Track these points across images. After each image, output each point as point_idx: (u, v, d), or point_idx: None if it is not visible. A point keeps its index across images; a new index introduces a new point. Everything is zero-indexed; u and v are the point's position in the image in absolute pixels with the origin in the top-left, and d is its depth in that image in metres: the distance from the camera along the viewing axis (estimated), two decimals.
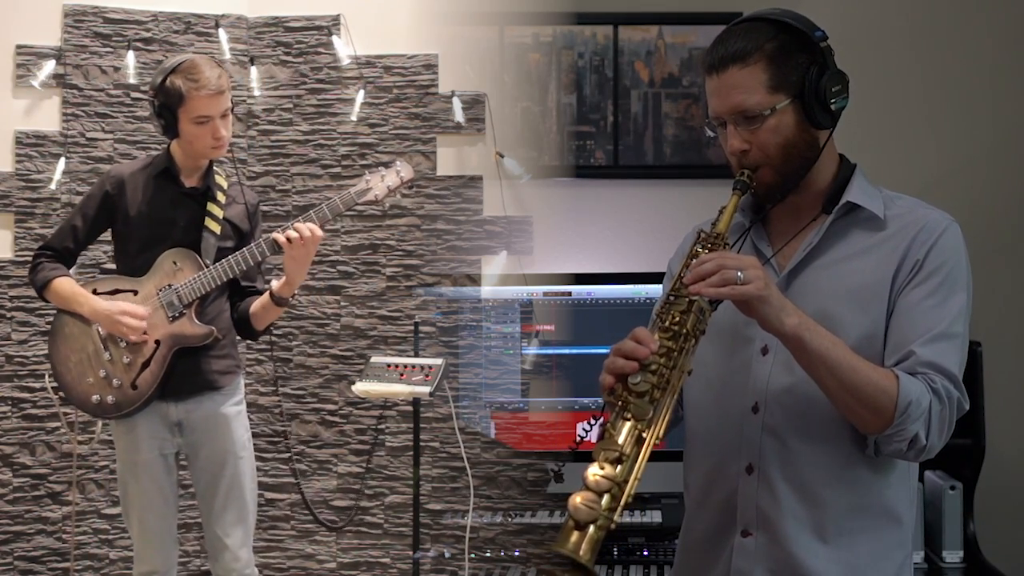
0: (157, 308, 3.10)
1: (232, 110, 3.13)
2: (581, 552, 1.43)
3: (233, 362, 3.25)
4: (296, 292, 3.16)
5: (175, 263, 3.11)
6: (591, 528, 1.45)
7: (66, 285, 3.13)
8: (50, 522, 3.90)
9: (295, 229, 3.00)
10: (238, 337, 3.30)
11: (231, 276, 3.10)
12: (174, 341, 3.10)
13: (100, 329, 3.11)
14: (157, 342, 3.10)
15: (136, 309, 3.07)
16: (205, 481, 3.19)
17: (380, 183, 3.18)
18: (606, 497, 1.47)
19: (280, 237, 3.01)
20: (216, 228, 3.15)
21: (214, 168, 3.21)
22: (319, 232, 3.03)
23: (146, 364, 3.09)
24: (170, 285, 3.10)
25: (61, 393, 3.23)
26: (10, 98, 3.90)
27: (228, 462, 3.18)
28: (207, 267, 3.10)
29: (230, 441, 3.19)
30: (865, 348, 1.67)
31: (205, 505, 3.21)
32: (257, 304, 3.18)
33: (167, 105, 3.05)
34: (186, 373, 3.12)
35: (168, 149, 3.17)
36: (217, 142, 3.08)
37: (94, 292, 3.14)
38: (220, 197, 3.18)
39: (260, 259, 3.11)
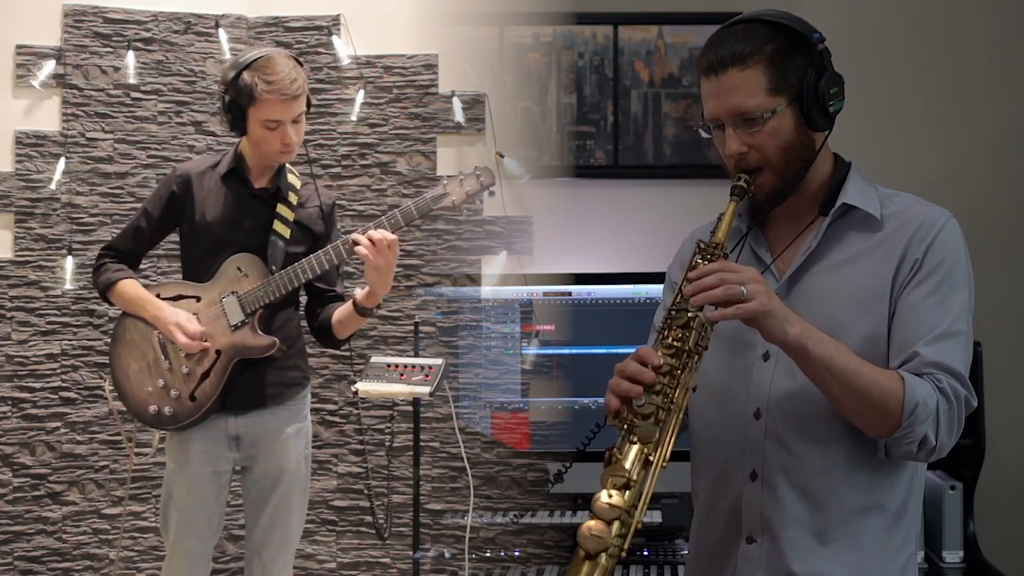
0: (219, 316, 2.95)
1: (308, 110, 2.95)
2: None
3: (299, 374, 3.08)
4: (381, 302, 2.94)
5: (240, 269, 2.96)
6: (602, 557, 1.46)
7: (131, 288, 3.00)
8: (50, 522, 3.90)
9: (368, 237, 2.78)
10: (320, 346, 3.12)
11: (298, 284, 2.94)
12: (235, 352, 2.95)
13: (160, 336, 2.98)
14: (218, 352, 2.95)
15: (191, 326, 2.93)
16: (255, 495, 3.05)
17: (459, 188, 2.95)
18: (615, 524, 1.48)
19: (360, 242, 2.78)
20: (285, 232, 2.98)
21: (287, 167, 3.05)
22: (391, 237, 2.78)
23: (206, 375, 2.94)
24: (234, 292, 2.96)
25: (119, 403, 3.09)
26: (10, 98, 3.90)
27: (282, 482, 3.03)
28: (273, 273, 2.94)
29: (287, 459, 3.03)
30: (869, 351, 1.66)
31: (251, 518, 3.07)
32: (340, 312, 2.98)
33: (237, 102, 2.88)
34: (248, 386, 2.97)
35: (237, 147, 3.02)
36: (285, 148, 2.91)
37: (157, 296, 3.01)
38: (292, 198, 3.01)
39: (331, 265, 2.92)
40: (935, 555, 3.40)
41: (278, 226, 2.98)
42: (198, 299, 2.99)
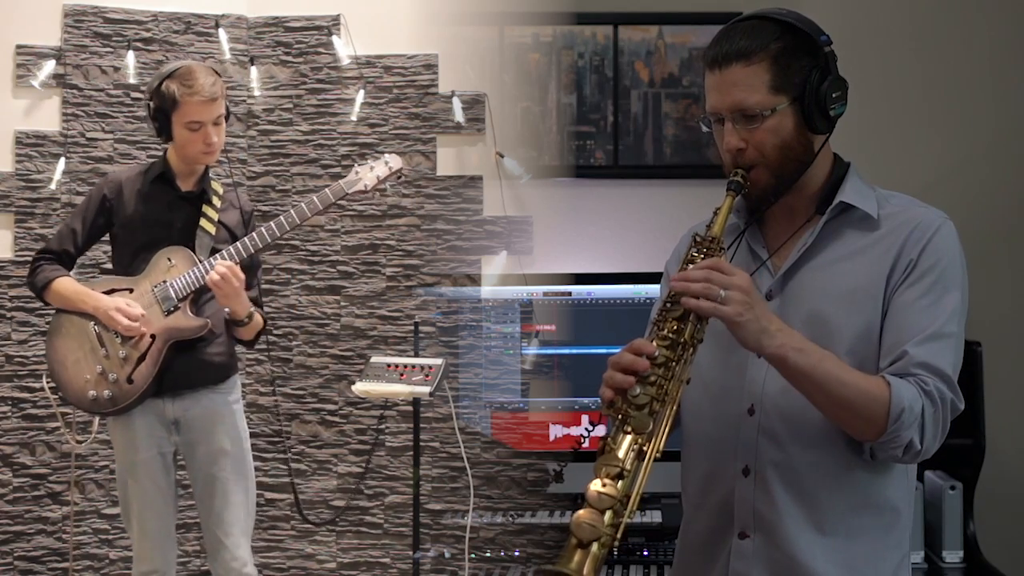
0: (152, 303, 3.13)
1: (227, 117, 3.18)
2: (584, 572, 1.44)
3: (230, 358, 3.26)
4: (254, 311, 3.18)
5: (169, 259, 3.15)
6: (594, 546, 1.46)
7: (68, 284, 3.17)
8: (50, 522, 3.90)
9: (215, 271, 3.04)
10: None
11: None
12: (169, 335, 3.12)
13: (96, 326, 3.13)
14: (152, 336, 3.12)
15: (131, 309, 3.09)
16: (202, 479, 3.20)
17: (369, 174, 3.24)
18: (608, 514, 1.48)
19: (209, 281, 3.05)
20: (211, 229, 3.19)
21: (210, 173, 3.27)
22: (229, 268, 3.04)
23: (142, 358, 3.10)
24: (165, 280, 3.13)
25: (60, 393, 3.24)
26: (10, 98, 3.91)
27: (226, 460, 3.18)
28: (201, 262, 3.13)
29: (227, 439, 3.20)
30: (860, 349, 1.66)
31: (203, 504, 3.21)
32: None
33: (161, 108, 3.11)
34: (182, 368, 3.14)
35: (165, 154, 3.23)
36: (208, 147, 3.13)
37: None
38: (216, 201, 3.22)
39: (256, 250, 3.16)
40: (935, 555, 3.40)
41: (204, 223, 3.19)
42: (130, 291, 3.16)
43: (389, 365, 3.49)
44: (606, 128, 3.98)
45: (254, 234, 3.15)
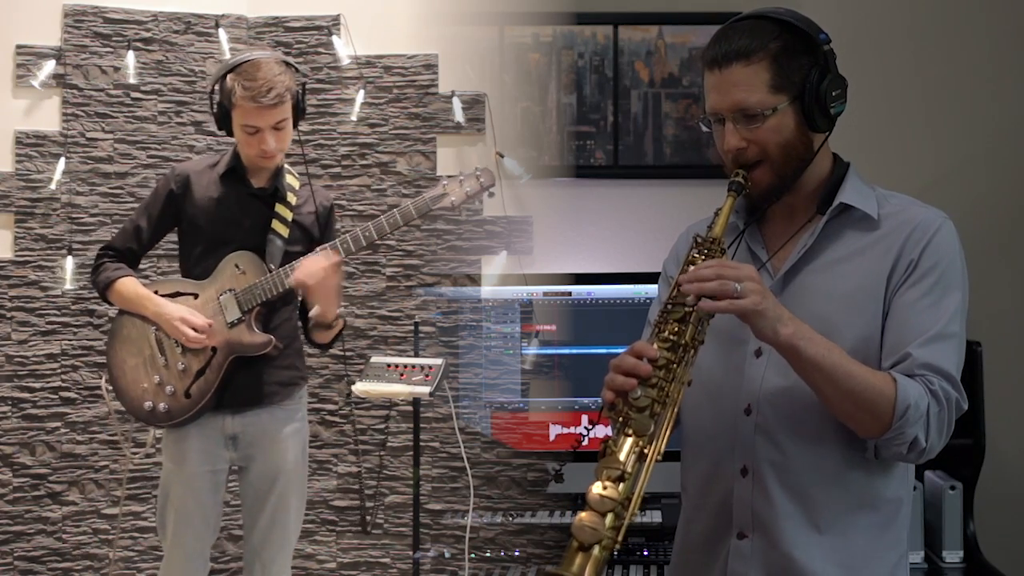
0: (216, 313, 2.97)
1: (300, 117, 2.96)
2: (586, 575, 1.44)
3: (296, 373, 3.09)
4: (340, 312, 3.01)
5: (238, 266, 2.98)
6: (595, 549, 1.46)
7: (130, 285, 3.01)
8: (50, 522, 3.89)
9: (304, 274, 2.86)
10: (306, 346, 3.14)
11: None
12: (231, 349, 2.96)
13: (157, 333, 2.99)
14: (214, 349, 2.95)
15: (196, 319, 2.94)
16: (252, 496, 3.05)
17: (458, 189, 3.00)
18: (609, 516, 1.48)
19: (296, 277, 2.87)
20: (283, 231, 2.99)
21: (285, 168, 3.07)
22: (335, 261, 2.87)
23: (201, 372, 2.95)
24: (231, 289, 2.97)
25: (116, 402, 3.10)
26: (10, 98, 3.90)
27: (279, 482, 3.03)
28: (271, 272, 2.95)
29: (284, 459, 3.03)
30: (861, 350, 1.66)
31: (249, 519, 3.07)
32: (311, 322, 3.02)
33: (221, 104, 2.91)
34: (244, 384, 2.98)
35: (236, 147, 3.03)
36: (263, 154, 2.92)
37: (155, 294, 3.02)
38: (290, 199, 3.02)
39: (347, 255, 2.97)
40: (935, 555, 3.40)
41: (276, 225, 2.99)
42: (195, 296, 3.00)
43: (389, 365, 3.48)
44: (606, 128, 3.98)
45: (348, 238, 2.92)
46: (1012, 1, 3.87)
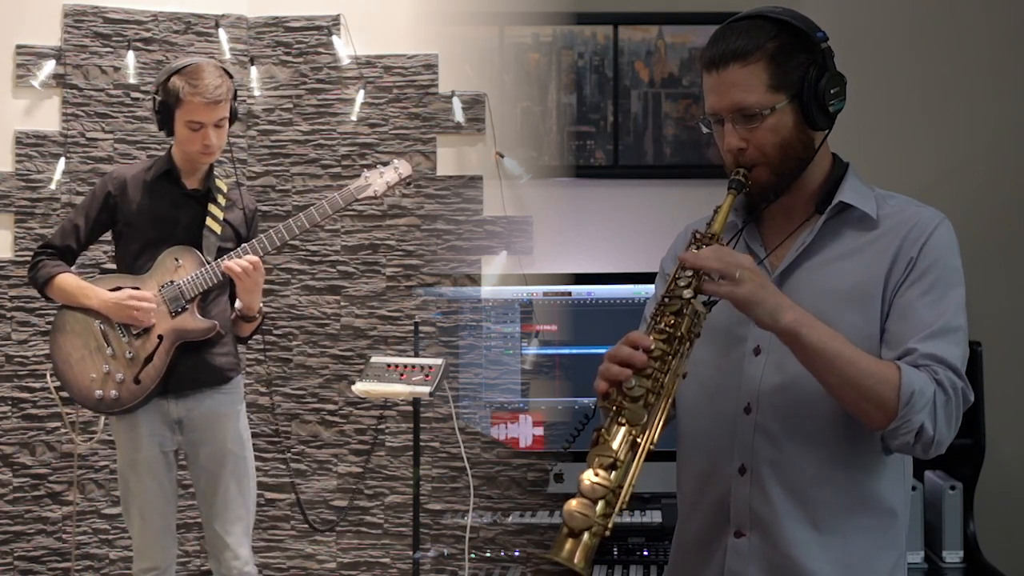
0: (159, 304, 3.11)
1: (233, 119, 3.16)
2: (576, 560, 1.45)
3: (235, 359, 3.26)
4: (261, 306, 3.21)
5: (176, 259, 3.14)
6: (586, 535, 1.46)
7: (71, 280, 3.15)
8: (50, 522, 3.90)
9: (237, 264, 3.06)
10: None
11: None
12: (177, 336, 3.12)
13: (101, 325, 3.12)
14: (160, 337, 3.11)
15: (144, 293, 3.09)
16: (205, 479, 3.20)
17: (379, 179, 3.25)
18: (600, 503, 1.48)
19: (232, 268, 3.06)
20: (217, 228, 3.18)
21: (215, 171, 3.25)
22: (256, 261, 3.08)
23: (149, 359, 3.10)
24: (172, 281, 3.12)
25: (63, 392, 3.24)
26: (10, 98, 3.91)
27: (228, 460, 3.19)
28: (208, 264, 3.12)
29: (230, 439, 3.20)
30: (860, 347, 1.66)
31: (205, 503, 3.22)
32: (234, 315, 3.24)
33: (165, 103, 3.09)
34: (188, 369, 3.14)
35: (169, 151, 3.21)
36: (206, 149, 3.11)
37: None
38: (220, 199, 3.21)
39: (266, 253, 3.15)
40: (935, 555, 3.40)
41: (210, 223, 3.18)
42: (136, 289, 3.13)
43: (389, 365, 3.49)
44: (606, 128, 3.98)
45: (272, 234, 3.14)
46: (1012, 1, 3.87)
